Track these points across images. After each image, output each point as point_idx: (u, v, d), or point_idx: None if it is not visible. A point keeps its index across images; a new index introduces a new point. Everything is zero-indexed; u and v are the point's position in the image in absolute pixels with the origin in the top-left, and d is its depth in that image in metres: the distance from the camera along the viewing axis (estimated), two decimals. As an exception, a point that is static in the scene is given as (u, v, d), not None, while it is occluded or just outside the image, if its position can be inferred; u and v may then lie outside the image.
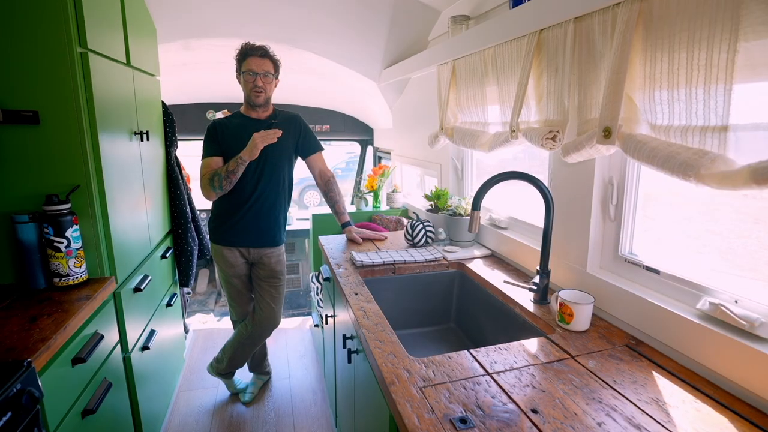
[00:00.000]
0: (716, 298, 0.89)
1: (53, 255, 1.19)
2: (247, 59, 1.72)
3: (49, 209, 1.18)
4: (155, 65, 1.92)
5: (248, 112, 1.84)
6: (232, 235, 1.87)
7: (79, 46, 1.21)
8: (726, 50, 0.72)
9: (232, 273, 1.93)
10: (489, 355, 0.96)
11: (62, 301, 1.15)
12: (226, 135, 1.79)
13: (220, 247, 1.90)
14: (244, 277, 1.97)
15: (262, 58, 1.72)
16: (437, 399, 0.80)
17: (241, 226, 1.85)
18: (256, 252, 1.92)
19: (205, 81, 2.85)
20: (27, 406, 0.86)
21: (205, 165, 1.79)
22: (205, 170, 1.78)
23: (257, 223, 1.86)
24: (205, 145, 1.81)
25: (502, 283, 1.38)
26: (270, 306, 1.99)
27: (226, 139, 1.78)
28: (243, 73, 1.73)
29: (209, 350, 2.64)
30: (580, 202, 1.20)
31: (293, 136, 1.89)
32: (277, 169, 1.84)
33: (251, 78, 1.72)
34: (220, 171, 1.72)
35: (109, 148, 1.35)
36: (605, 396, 0.81)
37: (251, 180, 1.80)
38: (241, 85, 1.78)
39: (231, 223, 1.86)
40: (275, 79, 1.80)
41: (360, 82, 2.69)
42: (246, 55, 1.72)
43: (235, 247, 1.89)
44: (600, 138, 0.96)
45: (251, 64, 1.71)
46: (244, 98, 1.81)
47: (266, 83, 1.75)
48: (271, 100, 1.84)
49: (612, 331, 1.07)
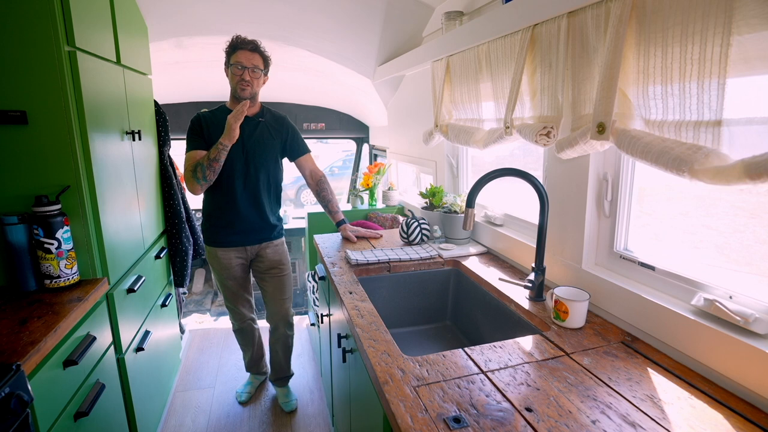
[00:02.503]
0: (711, 294, 0.88)
1: (44, 257, 1.18)
2: (236, 52, 1.69)
3: (39, 210, 1.16)
4: (147, 64, 1.90)
5: (234, 107, 1.80)
6: (223, 236, 1.85)
7: (67, 45, 1.19)
8: (719, 44, 0.71)
9: (226, 275, 1.90)
10: (484, 353, 0.95)
11: (53, 303, 1.14)
12: (211, 129, 1.75)
13: (213, 249, 1.88)
14: (240, 279, 1.94)
15: (252, 52, 1.70)
16: (431, 398, 0.79)
17: (232, 227, 1.83)
18: (253, 249, 1.90)
19: (198, 80, 2.83)
20: (16, 410, 0.85)
21: (188, 158, 1.75)
22: (188, 163, 1.75)
23: (247, 223, 1.84)
24: (188, 138, 1.77)
25: (498, 280, 1.38)
26: (273, 298, 1.97)
27: (210, 133, 1.75)
28: (231, 65, 1.70)
29: (205, 350, 2.63)
30: (574, 199, 1.19)
31: (280, 137, 1.86)
32: (263, 168, 1.81)
33: (239, 71, 1.69)
34: (202, 160, 1.68)
35: (99, 148, 1.34)
36: (600, 393, 0.81)
37: (238, 179, 1.77)
38: (228, 78, 1.75)
39: (221, 224, 1.84)
40: (264, 76, 1.77)
41: (354, 80, 2.68)
42: (236, 47, 1.70)
43: (230, 247, 1.87)
44: (594, 134, 0.95)
45: (240, 56, 1.69)
46: (231, 92, 1.78)
47: (254, 78, 1.72)
48: (258, 97, 1.82)
49: (607, 328, 1.06)
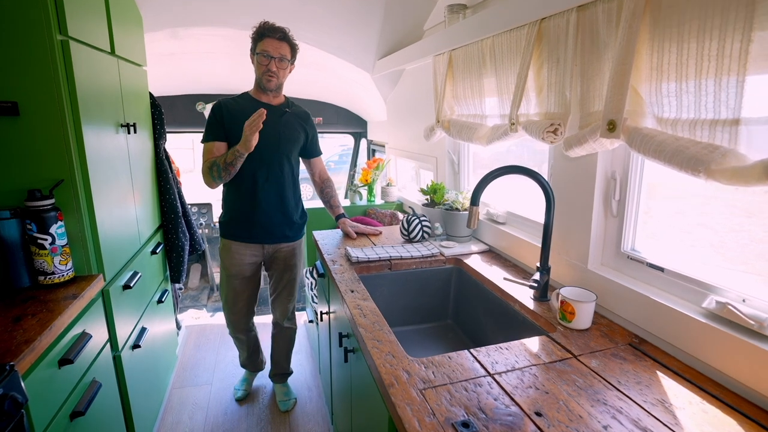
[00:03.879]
0: (723, 297, 0.87)
1: (37, 252, 1.15)
2: (263, 39, 1.61)
3: (32, 205, 1.13)
4: (142, 55, 1.85)
5: (258, 96, 1.73)
6: (241, 230, 1.77)
7: (60, 34, 1.15)
8: (739, 40, 0.69)
9: (234, 272, 1.82)
10: (490, 355, 0.94)
11: (47, 300, 1.11)
12: (233, 118, 1.67)
13: (229, 242, 1.80)
14: (247, 279, 1.86)
15: (280, 41, 1.62)
16: (438, 402, 0.78)
17: (251, 220, 1.75)
18: (270, 248, 1.83)
19: (194, 71, 2.77)
20: (10, 411, 0.82)
21: (206, 151, 1.69)
22: (206, 156, 1.68)
23: (266, 217, 1.76)
24: (208, 127, 1.69)
25: (502, 280, 1.36)
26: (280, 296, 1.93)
27: (232, 122, 1.67)
28: (257, 54, 1.63)
29: (202, 346, 2.60)
30: (581, 198, 1.17)
31: (305, 132, 1.81)
32: (287, 160, 1.74)
33: (265, 61, 1.62)
34: (219, 161, 1.63)
35: (94, 141, 1.30)
36: (610, 397, 0.80)
37: (261, 170, 1.69)
38: (254, 66, 1.68)
39: (240, 217, 1.76)
40: (291, 65, 1.70)
41: (353, 74, 2.64)
42: (263, 35, 1.61)
43: (247, 242, 1.79)
44: (604, 131, 0.93)
45: (267, 45, 1.61)
46: (256, 81, 1.71)
47: (280, 68, 1.65)
48: (283, 87, 1.76)
49: (614, 329, 1.05)
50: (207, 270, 3.54)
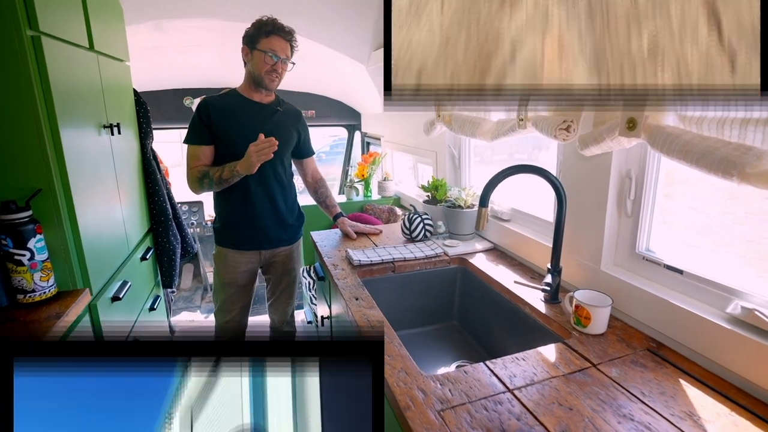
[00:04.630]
0: (749, 302, 0.83)
1: (14, 269, 1.06)
2: (270, 37, 1.50)
3: (6, 218, 1.04)
4: (123, 49, 1.74)
5: (249, 94, 1.62)
6: (235, 237, 1.68)
7: (30, 29, 1.05)
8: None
9: (229, 280, 1.73)
10: (507, 367, 0.89)
11: (28, 322, 1.03)
12: (222, 118, 1.57)
13: (224, 250, 1.71)
14: (242, 288, 1.77)
15: (287, 42, 1.54)
16: (458, 425, 0.73)
17: (244, 226, 1.66)
18: (266, 253, 1.75)
19: (180, 65, 2.65)
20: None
21: (192, 156, 1.58)
22: (193, 162, 1.58)
23: (261, 221, 1.67)
24: (192, 128, 1.58)
25: (509, 280, 1.31)
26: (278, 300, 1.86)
27: (220, 123, 1.57)
28: (264, 52, 1.51)
29: (197, 350, 2.53)
30: (594, 196, 1.13)
31: (297, 131, 1.72)
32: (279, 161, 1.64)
33: (272, 60, 1.52)
34: (213, 175, 1.52)
35: (74, 145, 1.21)
36: (636, 412, 0.76)
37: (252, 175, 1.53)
38: (251, 62, 1.55)
39: (232, 224, 1.67)
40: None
41: (347, 65, 2.55)
42: (270, 32, 1.51)
43: (243, 250, 1.70)
44: (623, 130, 0.88)
45: (275, 44, 1.51)
46: (252, 78, 1.59)
47: (284, 70, 1.58)
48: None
49: (630, 333, 1.01)
50: (200, 270, 3.45)
